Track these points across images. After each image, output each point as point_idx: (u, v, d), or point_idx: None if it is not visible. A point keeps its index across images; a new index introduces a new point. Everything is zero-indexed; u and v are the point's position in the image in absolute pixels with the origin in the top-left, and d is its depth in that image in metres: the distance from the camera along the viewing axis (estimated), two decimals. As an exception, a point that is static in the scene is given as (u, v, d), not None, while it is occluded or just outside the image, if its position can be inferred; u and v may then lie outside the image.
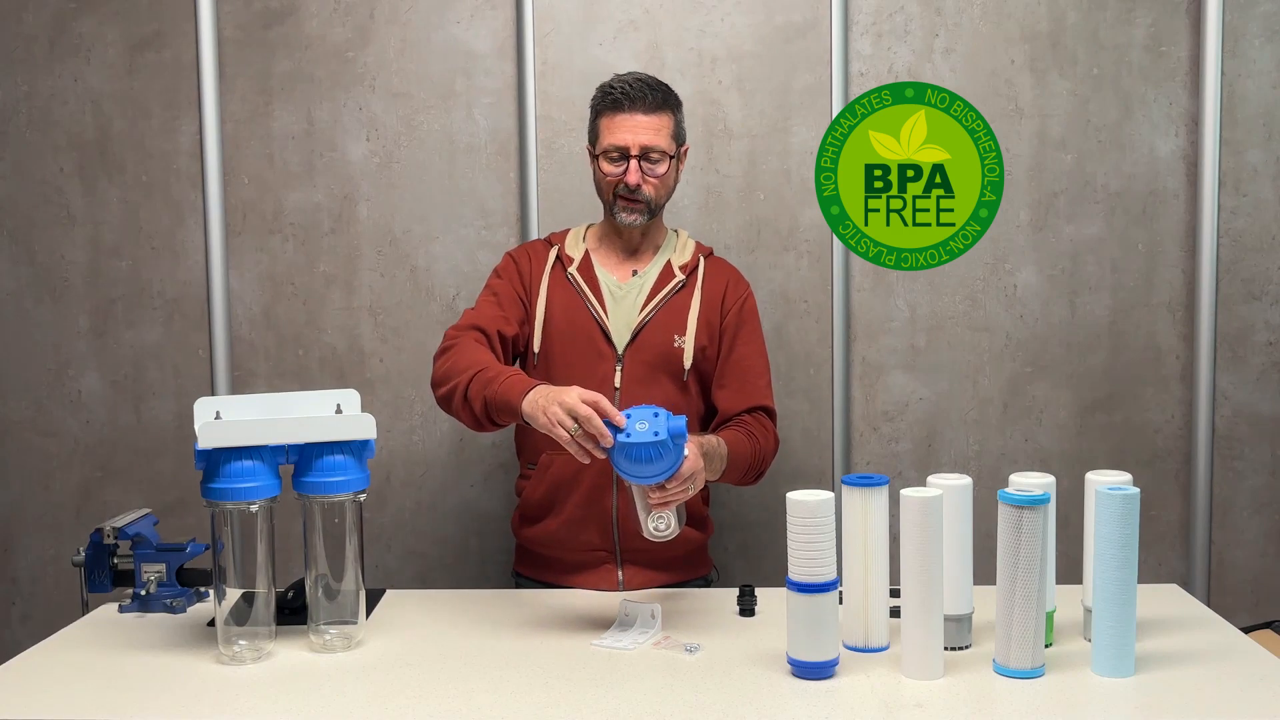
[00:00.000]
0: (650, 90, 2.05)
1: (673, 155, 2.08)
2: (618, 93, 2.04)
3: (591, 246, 2.17)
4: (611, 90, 2.06)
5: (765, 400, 2.13)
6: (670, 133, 2.07)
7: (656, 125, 2.05)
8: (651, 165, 2.05)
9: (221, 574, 1.71)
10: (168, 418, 2.65)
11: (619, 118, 2.04)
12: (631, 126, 2.03)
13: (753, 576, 2.53)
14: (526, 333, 2.11)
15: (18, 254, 2.63)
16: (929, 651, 1.58)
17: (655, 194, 2.07)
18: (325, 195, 2.60)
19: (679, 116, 2.11)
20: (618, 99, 2.04)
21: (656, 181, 2.06)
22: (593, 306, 2.09)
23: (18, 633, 2.66)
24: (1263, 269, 2.56)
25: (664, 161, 2.05)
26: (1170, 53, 2.53)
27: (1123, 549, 1.55)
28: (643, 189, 2.05)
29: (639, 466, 1.73)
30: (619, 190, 2.06)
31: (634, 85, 2.05)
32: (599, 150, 2.08)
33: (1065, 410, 2.60)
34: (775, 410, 2.15)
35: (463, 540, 2.65)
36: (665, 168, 2.06)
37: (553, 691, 1.56)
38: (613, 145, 2.05)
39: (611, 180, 2.06)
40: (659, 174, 2.06)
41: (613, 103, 2.05)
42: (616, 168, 2.05)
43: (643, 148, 2.03)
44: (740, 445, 2.02)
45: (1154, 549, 2.59)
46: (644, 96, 2.04)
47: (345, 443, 1.73)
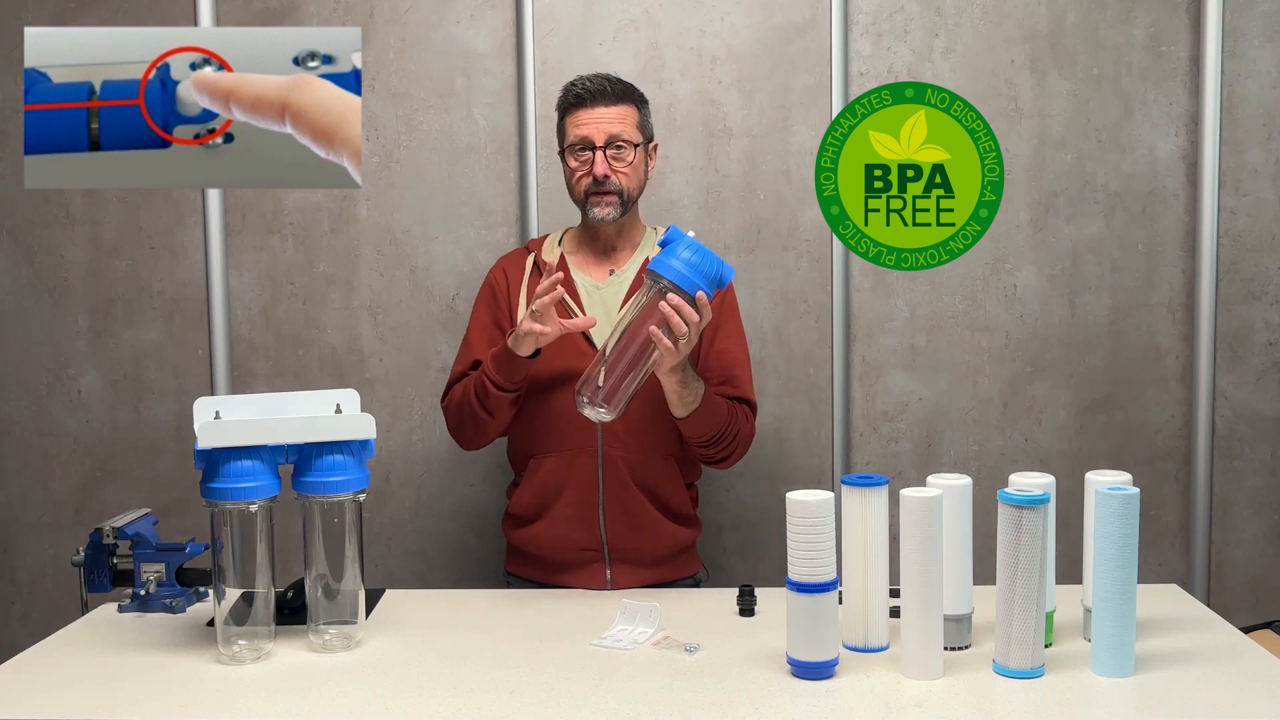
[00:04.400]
0: (611, 84, 2.09)
1: (638, 145, 2.09)
2: (579, 89, 2.09)
3: (568, 250, 2.19)
4: (573, 88, 2.10)
5: (747, 394, 2.14)
6: (635, 123, 2.10)
7: (620, 115, 2.08)
8: (618, 154, 2.07)
9: (221, 574, 1.71)
10: (167, 417, 2.65)
11: (581, 113, 2.07)
12: (594, 119, 2.06)
13: (752, 576, 2.53)
14: None
15: (17, 254, 2.63)
16: (929, 651, 1.58)
17: (626, 184, 2.09)
18: (325, 194, 2.60)
19: (644, 111, 2.13)
20: (580, 94, 2.08)
21: (627, 170, 2.08)
22: (570, 309, 2.10)
23: (17, 632, 2.66)
24: (1263, 269, 2.56)
25: (629, 150, 2.07)
26: (1170, 53, 2.53)
27: (1123, 549, 1.55)
28: (612, 179, 2.07)
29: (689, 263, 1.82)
30: (589, 187, 2.08)
31: (594, 81, 2.09)
32: (564, 147, 2.11)
33: (1065, 410, 2.60)
34: (756, 404, 2.17)
35: (462, 540, 2.65)
36: (633, 156, 2.08)
37: (553, 691, 1.56)
38: (578, 138, 2.07)
39: (580, 175, 2.09)
40: (627, 162, 2.08)
41: (575, 99, 2.09)
42: (583, 161, 2.08)
43: (608, 137, 2.06)
44: (719, 404, 2.04)
45: (1154, 549, 2.59)
46: (604, 90, 2.08)
47: (345, 443, 1.73)
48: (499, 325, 2.16)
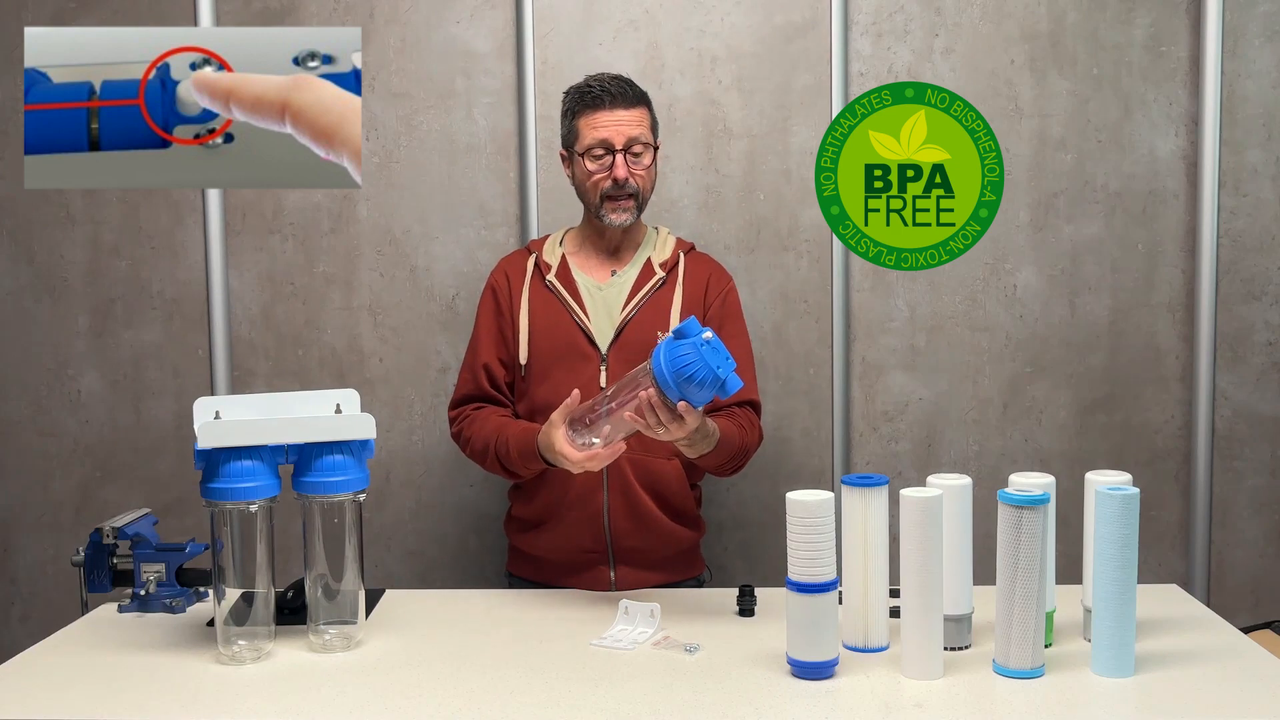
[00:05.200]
0: (627, 86, 2.08)
1: (654, 147, 2.10)
2: (596, 90, 2.06)
3: (569, 250, 2.18)
4: (589, 89, 2.07)
5: (752, 394, 2.15)
6: (650, 126, 2.10)
7: (638, 118, 2.07)
8: (636, 158, 2.06)
9: (221, 574, 1.71)
10: (167, 418, 2.65)
11: (600, 115, 2.05)
12: (614, 122, 2.05)
13: (752, 576, 2.53)
14: (515, 349, 2.13)
15: (17, 254, 2.63)
16: (929, 651, 1.58)
17: (643, 186, 2.09)
18: (325, 195, 2.60)
19: (653, 112, 2.13)
20: (597, 96, 2.06)
21: (644, 173, 2.08)
22: (572, 310, 2.10)
23: (17, 633, 2.66)
24: (1263, 269, 2.56)
25: (647, 152, 2.08)
26: (1170, 53, 2.53)
27: (1123, 549, 1.55)
28: (631, 181, 2.06)
29: (687, 380, 1.70)
30: (606, 190, 2.07)
31: (611, 82, 2.07)
32: (581, 149, 2.08)
33: (1065, 410, 2.60)
34: (760, 403, 2.18)
35: (462, 540, 2.65)
36: (649, 159, 2.09)
37: (553, 691, 1.56)
38: (597, 141, 2.05)
39: (598, 178, 2.07)
40: (645, 164, 2.08)
41: (593, 100, 2.06)
42: (602, 165, 2.06)
43: (628, 140, 2.05)
44: (730, 435, 2.03)
45: (1154, 549, 2.59)
46: (623, 92, 2.07)
47: (345, 443, 1.73)
48: (502, 331, 2.15)
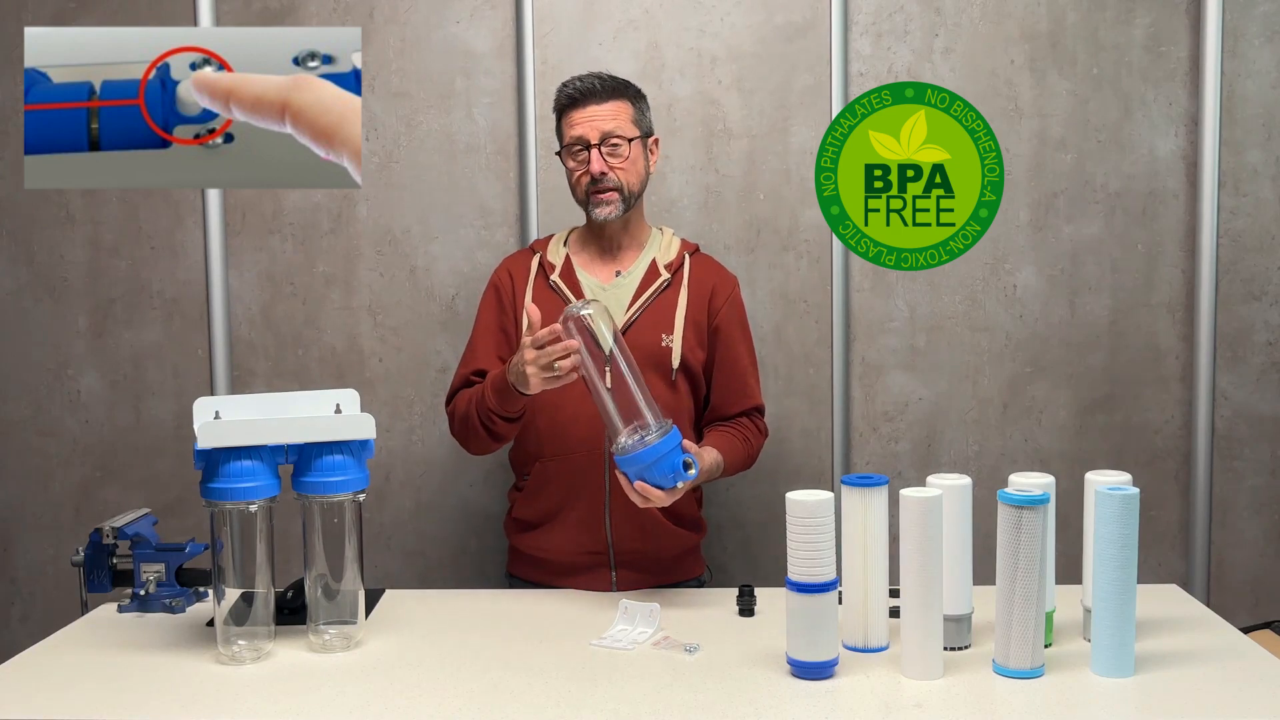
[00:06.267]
0: (601, 81, 2.09)
1: (632, 139, 2.08)
2: (570, 89, 2.09)
3: (573, 250, 2.18)
4: (565, 89, 2.10)
5: (757, 399, 2.19)
6: (629, 118, 2.09)
7: (612, 111, 2.07)
8: (613, 150, 2.06)
9: (221, 574, 1.71)
10: (167, 417, 2.65)
11: (575, 112, 2.08)
12: (588, 117, 2.06)
13: (752, 576, 2.53)
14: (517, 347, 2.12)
15: (17, 254, 2.63)
16: (929, 651, 1.58)
17: (625, 179, 2.08)
18: (324, 195, 2.60)
19: (640, 106, 2.13)
20: (573, 95, 2.08)
21: (624, 166, 2.08)
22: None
23: (17, 633, 2.66)
24: (1263, 269, 2.56)
25: (625, 145, 2.07)
26: (1170, 53, 2.53)
27: (1122, 549, 1.55)
28: (610, 175, 2.06)
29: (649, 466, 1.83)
30: (588, 186, 2.08)
31: (584, 80, 2.09)
32: (562, 147, 2.11)
33: (1065, 410, 2.60)
34: (764, 405, 2.22)
35: (462, 540, 2.65)
36: (629, 151, 2.08)
37: (552, 691, 1.56)
38: (574, 138, 2.08)
39: (579, 174, 2.09)
40: (623, 157, 2.07)
41: (569, 99, 2.09)
42: (580, 161, 2.08)
43: (602, 134, 2.05)
44: (735, 453, 2.09)
45: (1154, 549, 2.59)
46: (594, 88, 2.07)
47: (345, 443, 1.73)
48: (504, 329, 2.16)
